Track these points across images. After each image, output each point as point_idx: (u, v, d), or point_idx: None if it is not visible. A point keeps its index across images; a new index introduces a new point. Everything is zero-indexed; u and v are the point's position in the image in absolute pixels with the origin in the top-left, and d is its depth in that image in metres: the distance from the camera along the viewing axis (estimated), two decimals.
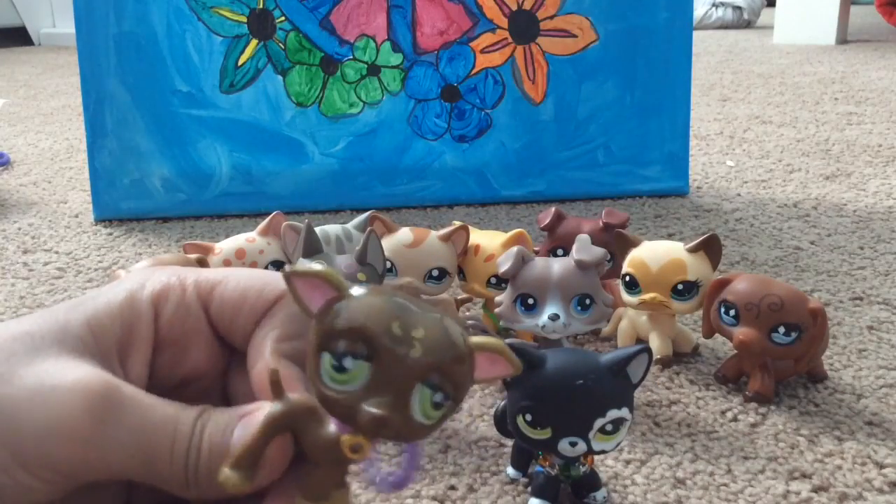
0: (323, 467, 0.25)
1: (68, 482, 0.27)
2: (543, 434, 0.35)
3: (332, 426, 0.25)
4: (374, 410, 0.23)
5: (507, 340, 0.37)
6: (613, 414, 0.34)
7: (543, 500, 0.39)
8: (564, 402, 0.35)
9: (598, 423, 0.34)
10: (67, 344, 0.28)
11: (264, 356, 0.29)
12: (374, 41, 0.88)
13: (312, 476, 0.26)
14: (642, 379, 0.36)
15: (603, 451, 0.36)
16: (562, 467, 0.38)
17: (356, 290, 0.24)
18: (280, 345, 0.29)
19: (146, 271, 0.31)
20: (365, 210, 0.62)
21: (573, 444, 0.35)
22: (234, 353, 0.31)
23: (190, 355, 0.31)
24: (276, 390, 0.25)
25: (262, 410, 0.26)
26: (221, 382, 0.32)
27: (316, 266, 0.24)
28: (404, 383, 0.24)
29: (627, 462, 0.43)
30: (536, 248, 0.58)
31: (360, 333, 0.24)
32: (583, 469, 0.38)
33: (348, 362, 0.24)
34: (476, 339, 0.25)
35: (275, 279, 0.29)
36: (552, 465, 0.38)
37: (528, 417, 0.35)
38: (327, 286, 0.24)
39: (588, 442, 0.35)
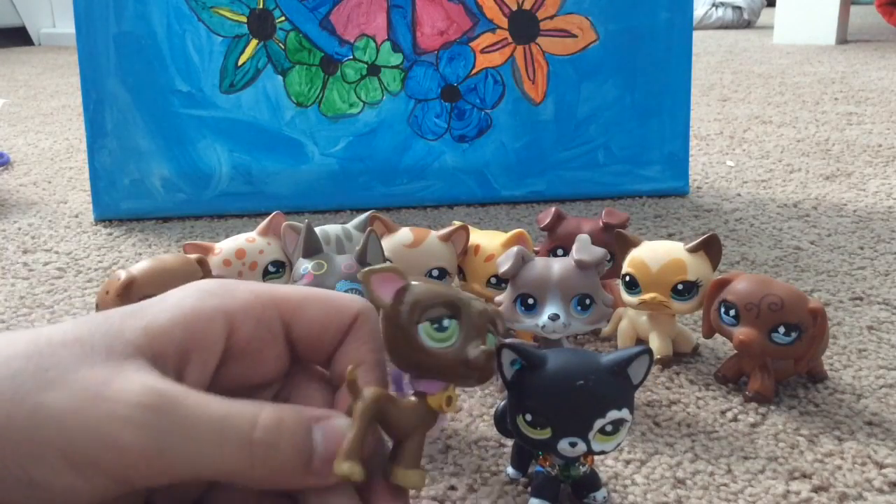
0: (414, 435, 0.30)
1: (117, 484, 0.27)
2: (543, 434, 0.35)
3: (411, 398, 0.31)
4: (483, 348, 0.30)
5: (507, 340, 0.37)
6: (613, 415, 0.34)
7: (543, 500, 0.38)
8: (564, 402, 0.34)
9: (598, 423, 0.34)
10: (117, 349, 0.28)
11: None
12: (374, 41, 0.88)
13: (406, 448, 0.31)
14: (643, 380, 0.35)
15: (603, 452, 0.36)
16: (562, 467, 0.38)
17: (413, 279, 0.31)
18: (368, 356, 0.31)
19: (217, 283, 0.31)
20: (365, 210, 0.62)
21: (573, 445, 0.35)
22: (295, 363, 0.33)
23: (261, 367, 0.32)
24: (354, 388, 0.29)
25: (338, 418, 0.29)
26: (278, 387, 0.33)
27: (385, 263, 0.30)
28: (482, 328, 0.31)
29: (627, 462, 0.43)
30: (536, 248, 0.58)
31: (446, 300, 0.30)
32: (583, 469, 0.38)
33: (446, 322, 0.30)
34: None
35: (346, 299, 0.32)
36: (552, 465, 0.38)
37: (528, 417, 0.35)
38: (395, 278, 0.30)
39: (588, 442, 0.35)
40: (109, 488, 0.27)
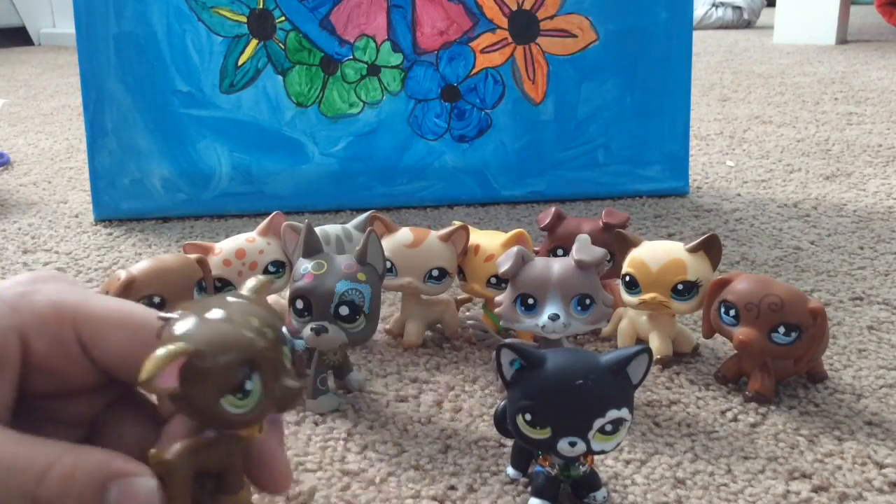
0: (230, 467, 0.29)
1: None
2: (543, 434, 0.35)
3: (220, 435, 0.28)
4: (288, 385, 0.27)
5: (507, 340, 0.37)
6: (613, 414, 0.34)
7: (543, 500, 0.38)
8: (564, 401, 0.34)
9: (598, 423, 0.34)
10: None
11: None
12: (374, 41, 0.88)
13: (227, 477, 0.29)
14: (642, 379, 0.36)
15: (603, 452, 0.36)
16: (561, 467, 0.38)
17: (184, 332, 0.26)
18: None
19: (19, 288, 0.29)
20: (365, 210, 0.62)
21: (572, 444, 0.35)
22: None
23: (68, 383, 0.30)
24: (164, 467, 0.27)
25: (141, 476, 0.26)
26: (102, 400, 0.32)
27: (157, 355, 0.25)
28: (277, 360, 0.27)
29: (627, 462, 0.43)
30: (536, 248, 0.58)
31: (240, 358, 0.26)
32: (583, 469, 0.38)
33: (248, 384, 0.26)
34: (250, 286, 0.30)
35: (150, 323, 0.29)
36: (552, 464, 0.38)
37: (528, 417, 0.35)
38: (174, 360, 0.26)
39: (588, 442, 0.35)
40: None
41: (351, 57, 0.89)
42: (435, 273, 0.54)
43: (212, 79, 0.87)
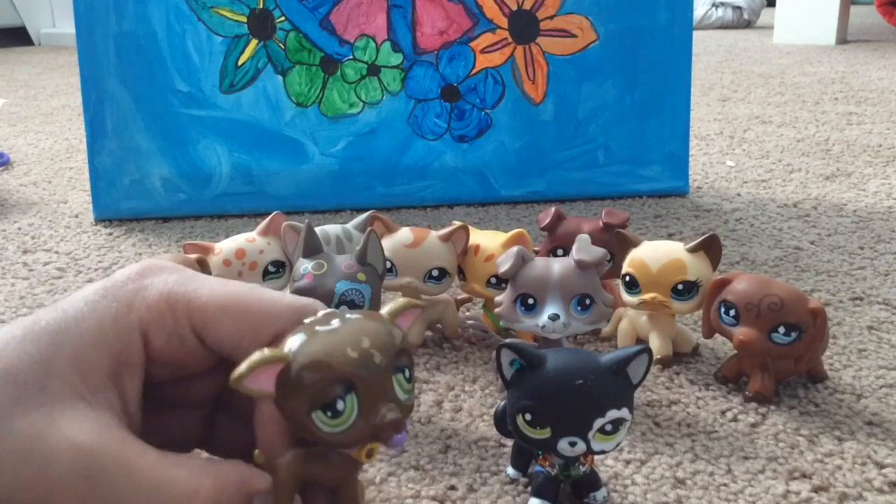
0: (346, 482, 0.28)
1: None
2: (543, 434, 0.35)
3: (331, 451, 0.28)
4: (390, 416, 0.27)
5: (507, 340, 0.37)
6: (613, 414, 0.34)
7: (543, 500, 0.38)
8: (564, 401, 0.34)
9: (598, 423, 0.34)
10: (53, 389, 0.27)
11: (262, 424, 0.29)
12: (374, 41, 0.88)
13: (342, 494, 0.29)
14: (642, 379, 0.35)
15: (603, 452, 0.36)
16: (561, 467, 0.38)
17: (293, 345, 0.27)
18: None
19: (131, 286, 0.30)
20: (365, 210, 0.62)
21: (573, 444, 0.35)
22: None
23: (187, 367, 0.31)
24: (270, 468, 0.27)
25: (276, 497, 0.27)
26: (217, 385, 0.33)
27: (252, 358, 0.26)
28: (385, 386, 0.27)
29: (627, 462, 0.43)
30: (536, 248, 0.58)
31: (337, 376, 0.26)
32: (583, 469, 0.38)
33: (339, 405, 0.26)
34: (389, 308, 0.29)
35: (269, 313, 0.30)
36: (552, 464, 0.38)
37: (528, 417, 0.35)
38: (267, 368, 0.26)
39: (588, 442, 0.35)
40: None
41: (351, 57, 0.89)
42: (435, 273, 0.54)
43: (212, 79, 0.87)
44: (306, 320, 0.28)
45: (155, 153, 0.88)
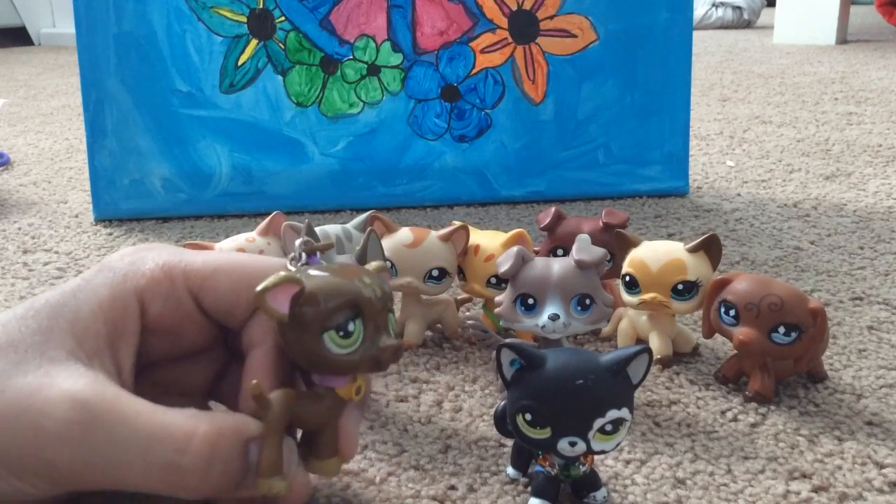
0: (327, 426, 0.30)
1: (58, 487, 0.27)
2: (543, 434, 0.35)
3: (318, 391, 0.30)
4: (390, 343, 0.29)
5: (507, 340, 0.37)
6: (613, 414, 0.34)
7: (543, 500, 0.38)
8: (564, 401, 0.34)
9: (598, 423, 0.34)
10: (50, 354, 0.27)
11: (252, 370, 0.31)
12: (374, 41, 0.88)
13: (321, 440, 0.30)
14: (642, 379, 0.35)
15: (603, 452, 0.36)
16: (561, 467, 0.38)
17: (308, 275, 0.29)
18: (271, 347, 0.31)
19: (127, 259, 0.31)
20: (365, 210, 0.62)
21: (573, 444, 0.35)
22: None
23: (184, 338, 0.31)
24: (261, 401, 0.28)
25: (265, 437, 0.28)
26: (221, 343, 0.34)
27: (271, 279, 0.28)
28: (384, 316, 0.29)
29: (627, 462, 0.43)
30: (536, 248, 0.58)
31: (347, 300, 0.28)
32: (583, 469, 0.38)
33: (350, 326, 0.28)
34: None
35: (259, 269, 0.31)
36: (552, 464, 0.38)
37: (528, 417, 0.35)
38: (287, 287, 0.28)
39: (588, 442, 0.35)
40: (49, 489, 0.27)
41: (351, 57, 0.89)
42: (435, 273, 0.54)
43: (212, 79, 0.87)
44: (295, 269, 0.30)
45: (155, 153, 0.88)
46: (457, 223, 0.56)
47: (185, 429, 0.27)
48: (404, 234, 0.55)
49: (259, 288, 0.28)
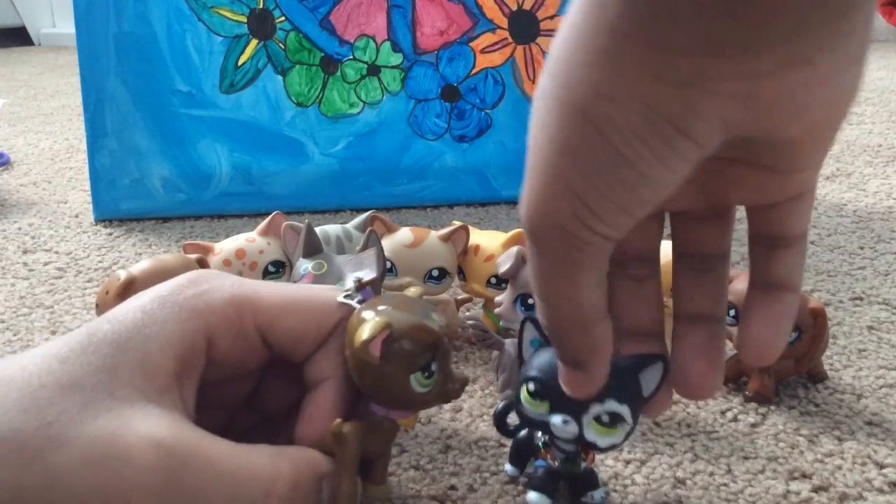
0: (383, 456, 0.32)
1: None
2: (542, 408, 0.35)
3: (378, 420, 0.32)
4: (460, 378, 0.32)
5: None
6: (611, 406, 0.34)
7: (542, 495, 0.38)
8: None
9: (595, 409, 0.34)
10: (119, 393, 0.26)
11: (320, 406, 0.31)
12: (374, 41, 0.88)
13: (377, 466, 0.32)
14: (654, 392, 0.34)
15: (596, 447, 0.35)
16: (562, 460, 0.38)
17: (393, 317, 0.30)
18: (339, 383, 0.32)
19: (190, 291, 0.30)
20: (365, 210, 0.62)
21: (565, 423, 0.34)
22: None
23: (240, 369, 0.32)
24: (341, 438, 0.30)
25: (343, 473, 0.30)
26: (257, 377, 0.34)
27: (373, 324, 0.29)
28: (450, 354, 0.32)
29: (627, 462, 0.43)
30: None
31: (428, 343, 0.30)
32: (583, 465, 0.38)
33: (433, 366, 0.31)
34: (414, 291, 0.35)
35: (325, 309, 0.32)
36: (553, 457, 0.38)
37: (531, 387, 0.35)
38: (384, 331, 0.29)
39: (581, 425, 0.34)
40: None
41: (351, 57, 0.89)
42: (435, 273, 0.54)
43: (212, 79, 0.87)
44: (362, 305, 0.32)
45: (155, 153, 0.88)
46: (457, 223, 0.56)
47: (270, 471, 0.27)
48: (404, 234, 0.55)
49: (364, 338, 0.29)
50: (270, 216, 0.57)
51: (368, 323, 0.29)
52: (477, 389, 0.51)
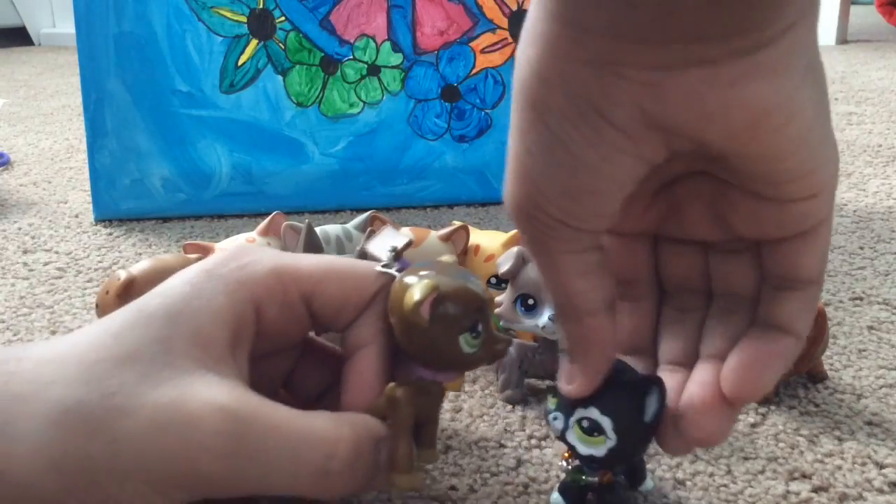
0: (431, 419, 0.32)
1: (195, 498, 0.27)
2: (552, 403, 0.35)
3: (427, 384, 0.32)
4: (503, 337, 0.32)
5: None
6: (593, 413, 0.33)
7: (565, 501, 0.38)
8: None
9: (579, 412, 0.33)
10: (177, 364, 0.27)
11: (365, 374, 0.32)
12: (374, 41, 0.88)
13: (427, 430, 0.32)
14: (654, 419, 0.32)
15: (575, 451, 0.34)
16: (573, 469, 0.37)
17: (444, 281, 0.31)
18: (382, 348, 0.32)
19: (233, 264, 0.31)
20: (365, 210, 0.62)
21: (555, 418, 0.34)
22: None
23: (286, 339, 0.32)
24: (394, 402, 0.30)
25: (399, 436, 0.30)
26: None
27: (422, 287, 0.30)
28: (492, 317, 0.32)
29: None
30: None
31: (476, 306, 0.31)
32: (592, 480, 0.37)
33: (479, 327, 0.31)
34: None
35: (366, 277, 0.33)
36: (570, 462, 0.38)
37: (549, 383, 0.35)
38: (433, 292, 0.30)
39: (567, 426, 0.34)
40: (187, 500, 0.27)
41: (351, 57, 0.89)
42: None
43: (212, 79, 0.87)
44: (404, 272, 0.32)
45: (155, 153, 0.88)
46: (457, 223, 0.56)
47: (332, 434, 0.27)
48: (404, 234, 0.55)
49: (417, 299, 0.29)
50: (270, 216, 0.57)
51: (416, 286, 0.30)
52: (477, 389, 0.51)
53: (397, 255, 0.35)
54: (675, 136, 0.24)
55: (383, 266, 0.34)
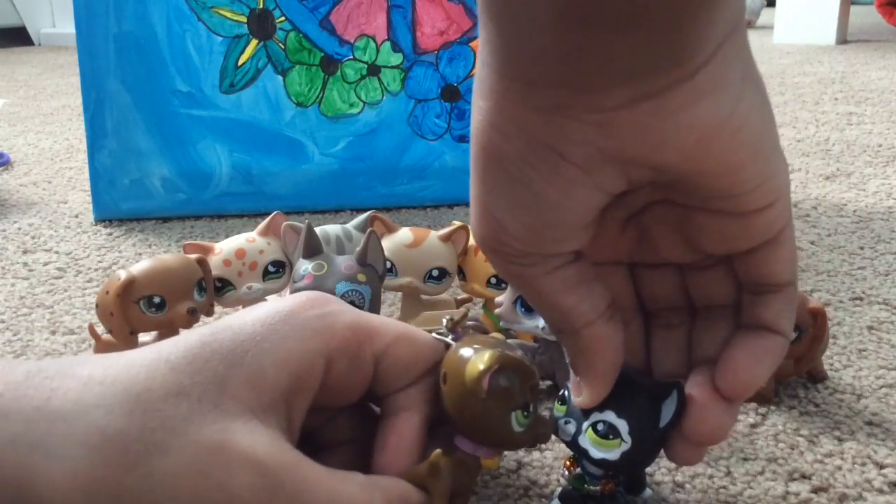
0: (464, 493, 0.32)
1: None
2: (561, 410, 0.35)
3: (465, 457, 0.31)
4: (548, 421, 0.32)
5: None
6: (609, 416, 0.33)
7: None
8: None
9: (594, 416, 0.34)
10: (225, 406, 0.27)
11: (409, 432, 0.32)
12: (374, 41, 0.88)
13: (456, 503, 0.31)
14: (670, 423, 0.32)
15: (587, 455, 0.34)
16: (574, 477, 0.37)
17: (504, 354, 0.30)
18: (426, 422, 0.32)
19: (314, 312, 0.30)
20: (365, 210, 0.62)
21: (566, 422, 0.34)
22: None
23: (346, 397, 0.32)
24: (436, 470, 0.30)
25: (436, 502, 0.30)
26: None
27: (485, 358, 0.29)
28: (538, 394, 0.31)
29: None
30: None
31: (530, 385, 0.30)
32: (594, 489, 0.37)
33: (531, 407, 0.30)
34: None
35: (430, 344, 0.33)
36: (571, 469, 0.38)
37: (562, 391, 0.35)
38: (495, 364, 0.30)
39: (579, 431, 0.34)
40: None
41: (351, 57, 0.89)
42: (435, 273, 0.54)
43: (212, 79, 0.87)
44: (458, 343, 0.32)
45: (155, 153, 0.88)
46: (457, 223, 0.56)
47: (363, 500, 0.27)
48: (404, 234, 0.55)
49: (481, 368, 0.29)
50: (270, 216, 0.57)
51: (480, 356, 0.29)
52: None
53: (455, 325, 0.35)
54: (631, 165, 0.26)
55: (439, 334, 0.33)
